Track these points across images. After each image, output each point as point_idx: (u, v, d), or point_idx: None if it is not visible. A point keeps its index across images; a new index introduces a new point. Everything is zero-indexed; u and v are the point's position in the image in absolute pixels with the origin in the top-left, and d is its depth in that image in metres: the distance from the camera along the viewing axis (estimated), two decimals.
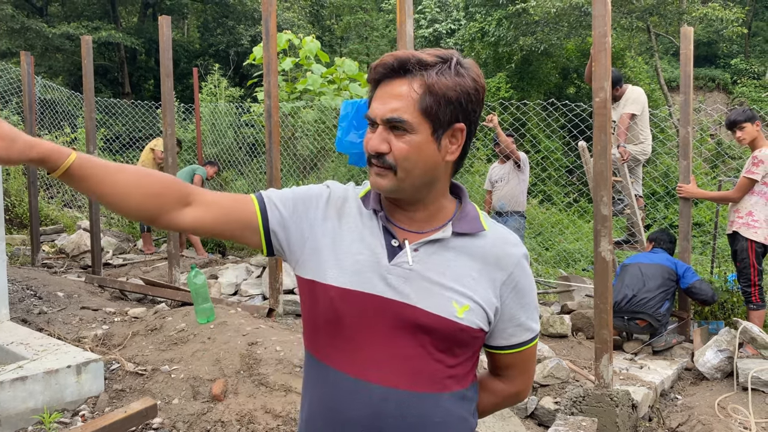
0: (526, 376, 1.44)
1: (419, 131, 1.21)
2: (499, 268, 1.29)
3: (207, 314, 4.39)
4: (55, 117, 11.92)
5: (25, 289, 5.77)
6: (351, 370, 1.24)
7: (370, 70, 1.26)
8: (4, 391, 3.27)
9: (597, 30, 3.52)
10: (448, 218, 1.31)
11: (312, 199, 1.34)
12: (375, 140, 1.22)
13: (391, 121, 1.20)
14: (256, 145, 10.98)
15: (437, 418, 1.25)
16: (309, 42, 10.73)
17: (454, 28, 20.18)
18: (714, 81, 24.01)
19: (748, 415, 3.77)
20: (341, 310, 1.25)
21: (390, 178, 1.23)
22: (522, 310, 1.33)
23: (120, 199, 1.24)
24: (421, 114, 1.20)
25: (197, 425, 3.23)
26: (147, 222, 1.31)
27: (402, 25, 4.10)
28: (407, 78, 1.21)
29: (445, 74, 1.21)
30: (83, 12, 22.64)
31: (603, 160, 3.52)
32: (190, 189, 1.31)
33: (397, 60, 1.21)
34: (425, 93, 1.20)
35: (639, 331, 4.83)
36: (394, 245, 1.27)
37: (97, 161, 1.24)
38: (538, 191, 11.30)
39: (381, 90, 1.23)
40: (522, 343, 1.36)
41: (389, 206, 1.31)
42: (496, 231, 1.33)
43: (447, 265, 1.26)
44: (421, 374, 1.24)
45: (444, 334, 1.24)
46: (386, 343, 1.23)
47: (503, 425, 3.40)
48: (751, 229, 4.78)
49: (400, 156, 1.21)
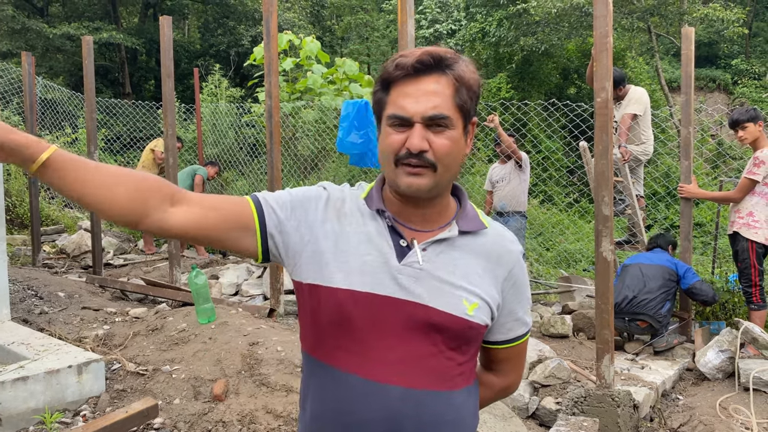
0: (518, 370, 1.48)
1: (456, 126, 1.22)
2: (500, 264, 1.31)
3: (208, 314, 4.39)
4: (56, 117, 11.93)
5: (26, 289, 5.78)
6: (362, 372, 1.23)
7: (394, 68, 1.21)
8: (6, 391, 3.27)
9: (598, 30, 3.52)
10: (452, 216, 1.32)
11: (310, 201, 1.31)
12: (416, 139, 1.18)
13: (434, 118, 1.19)
14: (257, 146, 10.98)
15: (450, 415, 1.26)
16: (309, 42, 10.74)
17: (455, 29, 20.19)
18: (715, 81, 24.02)
19: (749, 415, 3.77)
20: (351, 312, 1.23)
21: (429, 176, 1.21)
22: (520, 304, 1.36)
23: (100, 199, 1.16)
24: (457, 109, 1.21)
25: (198, 425, 3.23)
26: (131, 226, 1.20)
27: (403, 25, 4.10)
28: (435, 74, 1.20)
29: (468, 68, 1.23)
30: (84, 12, 22.66)
31: (604, 161, 3.52)
32: (178, 189, 1.24)
33: (431, 56, 1.20)
34: (460, 87, 1.21)
35: (640, 332, 4.83)
36: (403, 245, 1.27)
37: (76, 158, 1.16)
38: (539, 191, 11.30)
39: (408, 88, 1.20)
40: (518, 337, 1.39)
41: (396, 206, 1.29)
42: (494, 228, 1.35)
43: (455, 263, 1.27)
44: (434, 373, 1.24)
45: (456, 332, 1.25)
46: (399, 343, 1.23)
47: (504, 425, 3.40)
48: (751, 230, 4.78)
49: (442, 152, 1.20)
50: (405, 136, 1.20)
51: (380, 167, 1.30)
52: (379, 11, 25.73)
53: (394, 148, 1.21)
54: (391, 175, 1.24)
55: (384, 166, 1.26)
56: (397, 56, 1.23)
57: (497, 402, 3.56)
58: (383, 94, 1.25)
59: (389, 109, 1.22)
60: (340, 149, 4.94)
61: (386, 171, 1.26)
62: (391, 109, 1.22)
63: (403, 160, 1.20)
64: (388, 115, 1.22)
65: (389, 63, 1.23)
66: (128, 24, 24.70)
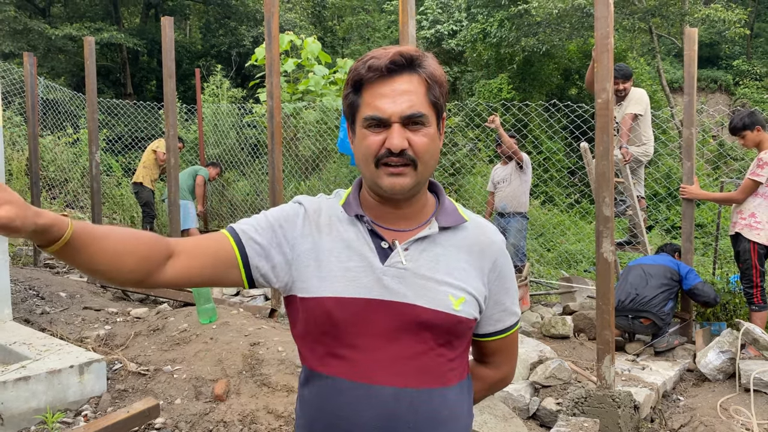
0: (511, 361, 1.48)
1: (432, 123, 1.24)
2: (484, 256, 1.33)
3: (209, 314, 4.40)
4: (57, 118, 11.94)
5: (27, 289, 5.78)
6: (353, 376, 1.24)
7: (367, 70, 1.21)
8: (7, 391, 3.27)
9: (599, 31, 3.52)
10: (431, 213, 1.33)
11: (288, 219, 1.32)
12: (397, 138, 1.19)
13: (411, 117, 1.20)
14: (258, 146, 10.99)
15: (445, 412, 1.27)
16: (311, 43, 10.74)
17: (456, 29, 20.18)
18: (716, 82, 24.01)
19: (750, 416, 3.77)
20: (339, 319, 1.24)
21: (411, 175, 1.22)
22: (506, 294, 1.37)
23: (111, 269, 1.17)
24: (431, 106, 1.23)
25: (199, 425, 3.24)
26: (134, 286, 1.24)
27: (404, 26, 4.10)
28: (407, 74, 1.22)
29: (437, 66, 1.25)
30: (85, 13, 22.69)
31: (605, 161, 3.52)
32: (168, 242, 1.25)
33: (403, 56, 1.21)
34: (432, 85, 1.23)
35: (643, 330, 4.83)
36: (384, 247, 1.28)
37: (88, 230, 1.14)
38: (540, 192, 11.30)
39: (382, 89, 1.21)
40: (507, 328, 1.40)
41: (375, 207, 1.31)
42: (474, 221, 1.36)
43: (438, 260, 1.28)
44: (426, 371, 1.25)
45: (444, 329, 1.26)
46: (389, 344, 1.24)
47: (505, 426, 3.40)
48: (753, 231, 4.78)
49: (422, 150, 1.22)
50: (383, 136, 1.21)
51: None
52: (381, 12, 25.74)
53: (373, 149, 1.22)
54: (371, 176, 1.25)
55: (362, 168, 1.26)
56: (368, 58, 1.23)
57: (498, 403, 3.57)
58: (356, 96, 1.25)
59: (365, 110, 1.23)
60: (342, 150, 4.95)
61: (365, 173, 1.27)
62: (367, 110, 1.22)
63: (384, 160, 1.21)
64: (364, 117, 1.23)
65: (360, 65, 1.23)
66: (130, 24, 24.73)
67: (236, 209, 10.59)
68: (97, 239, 1.15)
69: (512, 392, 3.77)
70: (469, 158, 11.65)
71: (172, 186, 5.97)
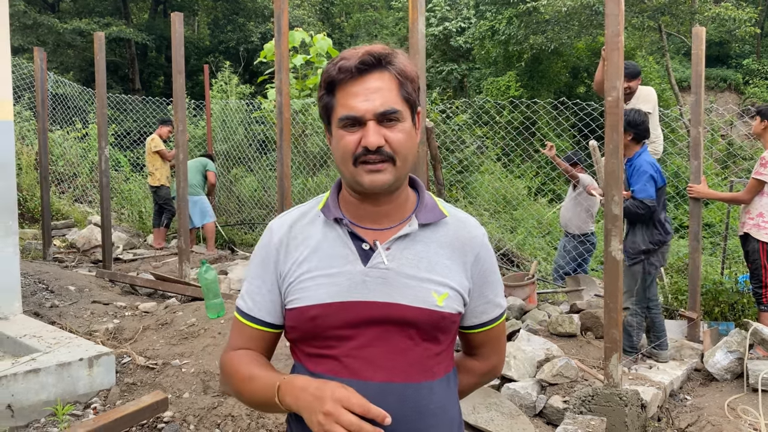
0: (499, 352, 1.50)
1: (406, 118, 1.26)
2: (466, 251, 1.34)
3: (217, 309, 4.42)
4: (66, 112, 12.00)
5: (37, 282, 5.83)
6: (342, 373, 1.26)
7: (338, 71, 1.24)
8: (18, 383, 3.30)
9: (609, 29, 3.51)
10: (411, 209, 1.35)
11: (268, 254, 1.36)
12: (372, 136, 1.22)
13: (385, 113, 1.23)
14: (267, 142, 11.01)
15: (432, 405, 1.29)
16: (320, 39, 10.74)
17: (464, 27, 20.15)
18: (725, 81, 23.86)
19: (758, 416, 3.76)
20: (325, 325, 1.27)
21: (390, 171, 1.24)
22: (490, 287, 1.39)
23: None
24: (404, 102, 1.26)
25: (208, 419, 3.26)
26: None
27: (414, 23, 4.09)
28: (377, 72, 1.24)
29: (407, 62, 1.28)
30: (94, 8, 22.77)
31: (614, 160, 3.52)
32: (258, 356, 1.38)
33: (372, 55, 1.24)
34: (403, 81, 1.25)
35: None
36: (365, 248, 1.30)
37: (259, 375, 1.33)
38: (548, 190, 11.29)
39: (355, 88, 1.24)
40: (493, 320, 1.42)
41: (356, 208, 1.32)
42: (455, 215, 1.38)
43: (419, 257, 1.30)
44: (413, 365, 1.28)
45: (429, 325, 1.28)
46: (376, 342, 1.26)
47: (512, 423, 3.40)
48: (761, 231, 4.75)
49: (398, 145, 1.24)
50: (359, 135, 1.23)
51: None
52: (388, 9, 25.72)
53: (350, 148, 1.24)
54: (350, 175, 1.27)
55: (341, 168, 1.28)
56: (338, 59, 1.26)
57: (505, 400, 3.57)
58: (329, 98, 1.27)
59: (339, 111, 1.25)
60: None
61: (345, 173, 1.28)
62: (342, 110, 1.25)
63: (362, 159, 1.23)
64: (339, 118, 1.25)
65: (331, 67, 1.26)
66: (138, 20, 24.80)
67: (244, 205, 10.62)
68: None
69: (519, 390, 3.77)
70: (477, 156, 11.63)
71: (180, 181, 5.99)
